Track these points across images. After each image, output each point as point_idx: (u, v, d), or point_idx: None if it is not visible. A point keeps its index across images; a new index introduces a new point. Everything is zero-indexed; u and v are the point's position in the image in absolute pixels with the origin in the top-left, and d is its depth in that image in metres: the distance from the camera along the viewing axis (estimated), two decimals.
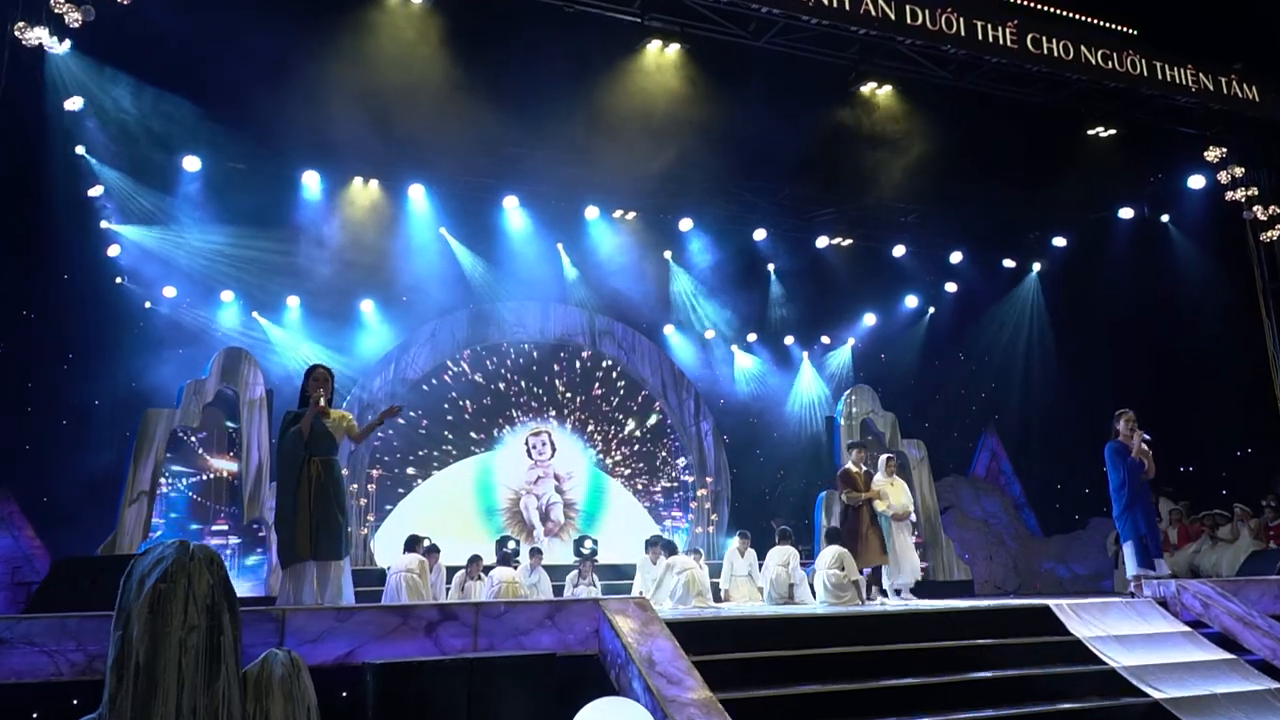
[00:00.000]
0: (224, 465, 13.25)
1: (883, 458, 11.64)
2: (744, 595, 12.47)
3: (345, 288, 15.00)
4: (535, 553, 13.07)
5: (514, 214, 14.67)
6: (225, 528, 13.19)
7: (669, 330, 17.69)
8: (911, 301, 18.05)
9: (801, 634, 7.10)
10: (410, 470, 15.85)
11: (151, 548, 4.67)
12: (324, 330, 15.54)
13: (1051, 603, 8.31)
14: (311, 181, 13.38)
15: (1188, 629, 8.22)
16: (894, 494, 11.20)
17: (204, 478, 13.15)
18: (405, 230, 14.14)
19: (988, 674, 7.09)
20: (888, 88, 11.74)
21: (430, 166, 13.38)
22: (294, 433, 7.07)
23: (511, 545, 14.35)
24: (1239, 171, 12.06)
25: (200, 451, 13.16)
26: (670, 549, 12.63)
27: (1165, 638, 8.01)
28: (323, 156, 12.91)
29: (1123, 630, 7.99)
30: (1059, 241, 16.18)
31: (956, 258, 16.56)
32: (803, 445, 18.00)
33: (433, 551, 12.33)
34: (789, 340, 18.38)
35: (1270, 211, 11.93)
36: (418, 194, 14.01)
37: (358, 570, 14.73)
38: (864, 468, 11.34)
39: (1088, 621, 8.10)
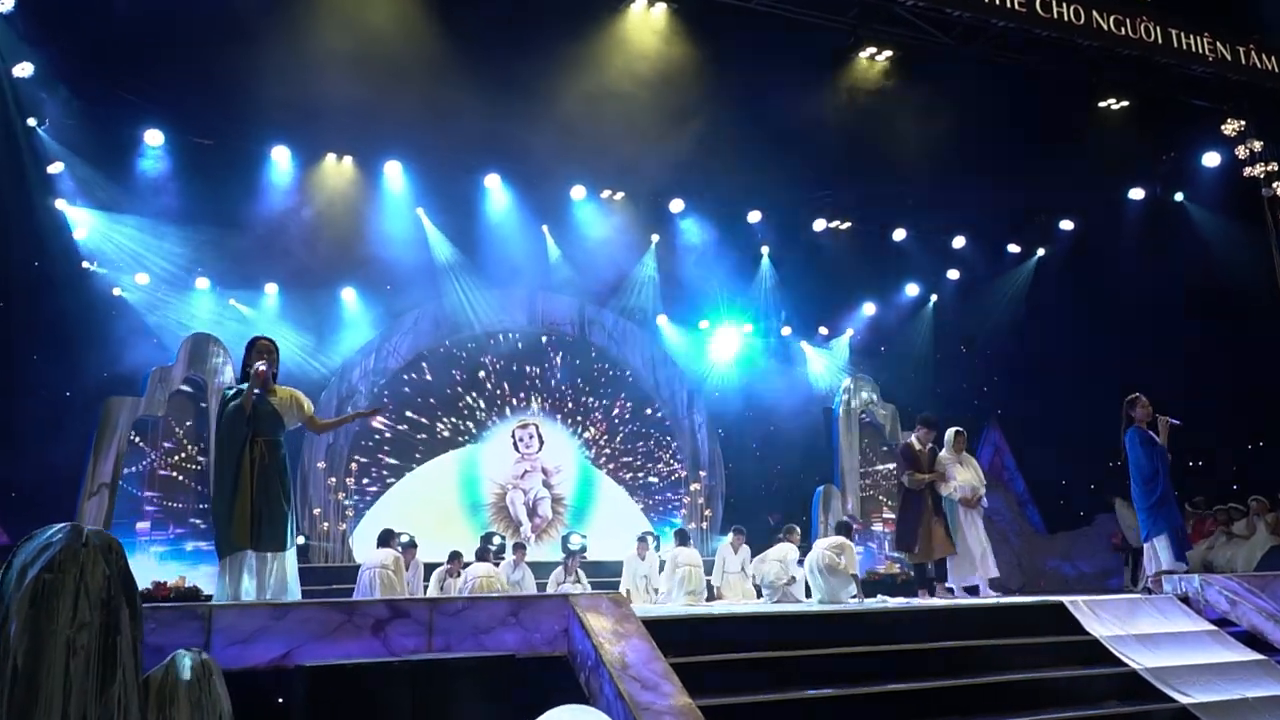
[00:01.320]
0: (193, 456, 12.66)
1: (951, 431, 9.75)
2: (736, 593, 11.88)
3: (323, 273, 14.38)
4: (519, 548, 12.46)
5: (496, 193, 13.98)
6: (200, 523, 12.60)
7: (662, 321, 17.06)
8: (913, 290, 17.42)
9: (794, 633, 6.47)
10: (392, 464, 15.23)
11: (36, 532, 4.04)
12: (303, 318, 14.95)
13: (1066, 600, 7.68)
14: (281, 158, 12.70)
15: (1213, 627, 7.60)
16: (963, 474, 9.56)
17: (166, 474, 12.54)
18: (383, 211, 13.48)
19: (998, 677, 6.46)
20: (887, 54, 11.10)
21: (407, 142, 12.68)
22: (235, 408, 6.38)
23: (496, 541, 13.75)
24: (1258, 146, 11.43)
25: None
26: (683, 538, 12.08)
27: (1189, 637, 7.39)
28: (293, 131, 12.24)
29: (1143, 629, 7.36)
30: (1066, 225, 15.50)
31: (959, 242, 15.90)
32: (801, 439, 17.35)
33: (410, 547, 11.73)
34: (786, 330, 17.78)
35: None
36: (394, 171, 13.32)
37: (335, 568, 14.26)
38: (929, 445, 9.74)
39: (1105, 620, 7.47)
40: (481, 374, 16.05)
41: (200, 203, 12.70)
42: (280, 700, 5.05)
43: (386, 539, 11.16)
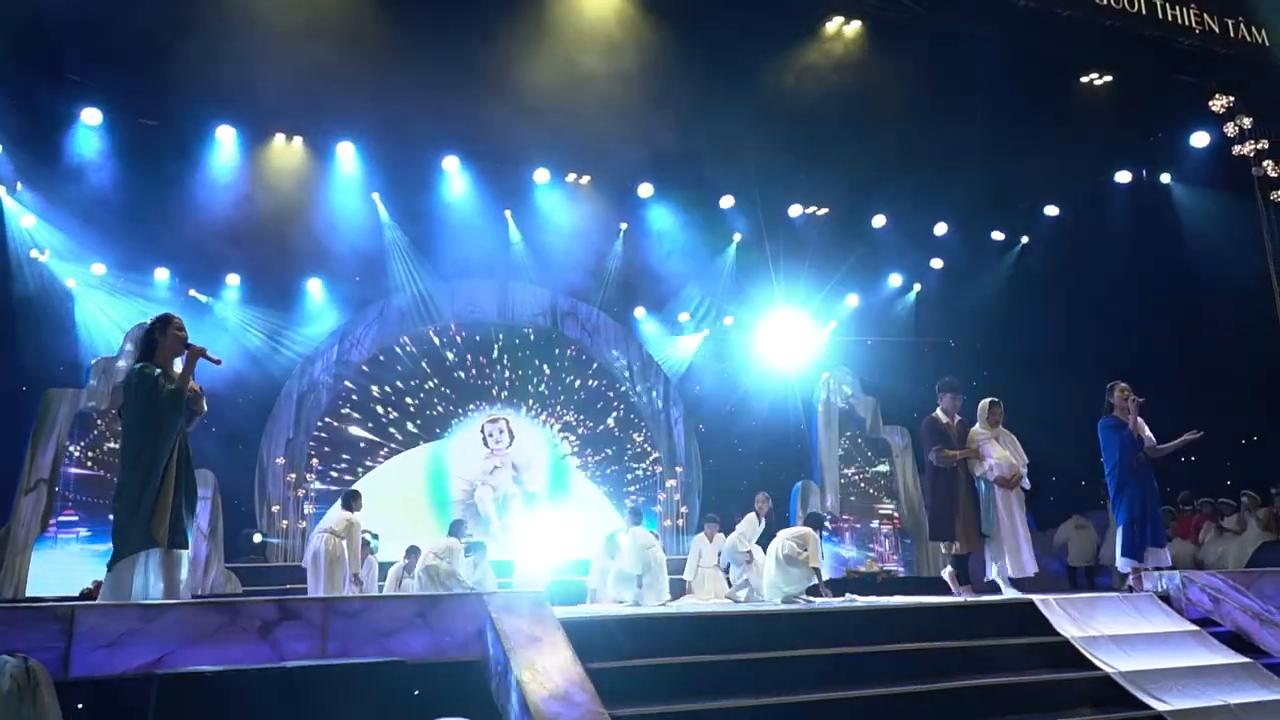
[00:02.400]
0: None
1: (985, 402, 8.43)
2: (709, 591, 11.29)
3: (286, 264, 13.91)
4: (472, 548, 11.87)
5: (455, 177, 13.40)
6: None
7: (640, 313, 16.56)
8: (895, 280, 16.91)
9: (737, 636, 5.96)
10: (354, 460, 14.73)
11: None
12: (267, 309, 14.50)
13: (1038, 598, 7.16)
14: (227, 138, 12.12)
15: (1194, 628, 7.07)
16: (999, 450, 8.13)
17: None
18: (338, 196, 12.90)
19: (958, 682, 5.94)
20: (856, 25, 10.57)
21: (359, 122, 12.11)
22: (173, 393, 5.76)
23: (468, 533, 13.12)
24: (1247, 122, 10.90)
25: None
26: (637, 516, 11.48)
27: (1169, 638, 6.85)
28: (239, 109, 11.67)
29: (1119, 630, 6.84)
30: (1051, 210, 14.95)
31: (941, 229, 15.34)
32: (782, 434, 16.83)
33: (364, 546, 11.13)
34: (765, 321, 17.27)
35: None
36: (346, 153, 12.76)
37: (293, 567, 13.72)
38: (956, 417, 8.35)
39: (1078, 620, 6.95)
40: (449, 367, 15.57)
41: (147, 188, 12.17)
42: (144, 713, 4.53)
43: (348, 500, 10.28)
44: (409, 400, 15.22)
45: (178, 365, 6.03)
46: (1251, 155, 10.86)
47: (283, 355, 14.61)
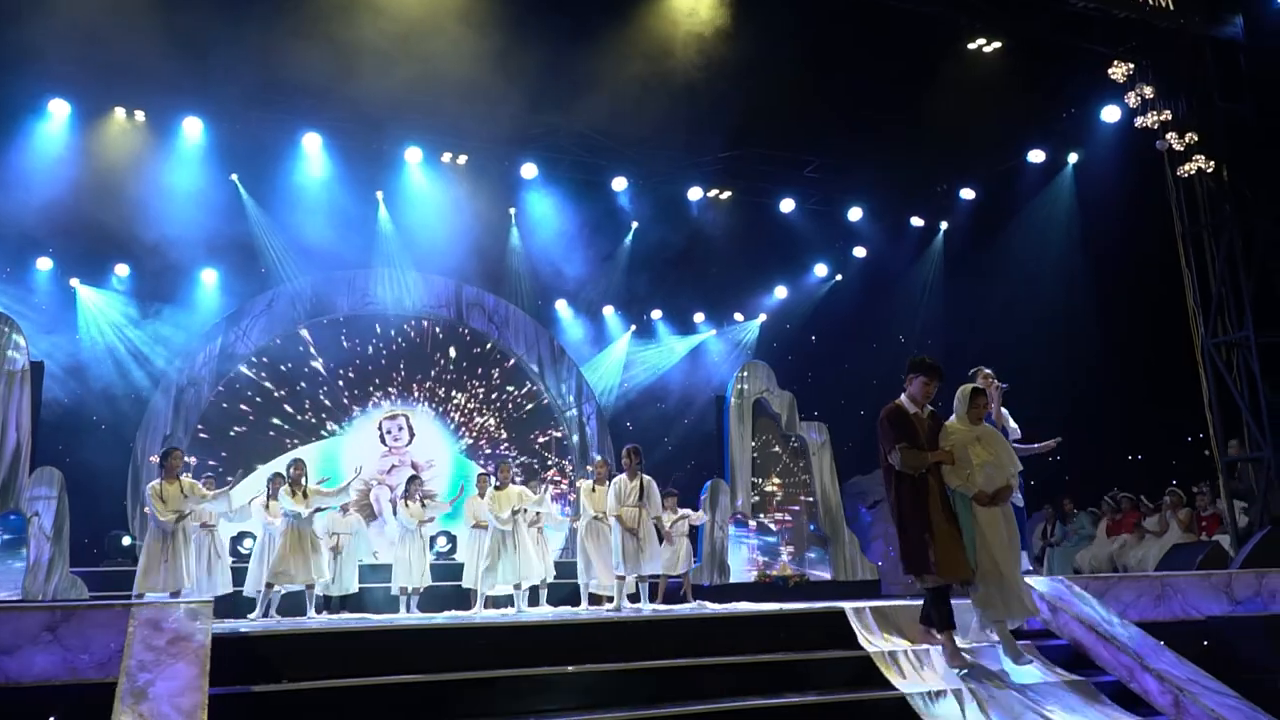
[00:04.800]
0: None
1: (963, 390, 6.27)
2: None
3: (177, 254, 13.13)
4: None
5: (315, 157, 12.57)
6: None
7: (560, 305, 15.86)
8: (821, 270, 16.16)
9: (456, 651, 5.19)
10: (236, 459, 13.98)
11: None
12: (152, 301, 13.81)
13: (850, 606, 6.39)
14: (60, 112, 11.32)
15: (1024, 641, 6.28)
16: (979, 454, 6.03)
17: None
18: (191, 177, 12.04)
19: (719, 704, 5.19)
20: None
21: (205, 94, 11.30)
22: None
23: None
24: (1149, 92, 10.08)
25: None
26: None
27: (988, 653, 6.07)
28: (72, 81, 10.88)
29: (929, 643, 6.06)
30: (967, 194, 14.13)
31: (855, 214, 14.52)
32: (702, 432, 16.12)
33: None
34: (700, 317, 16.59)
35: (1187, 140, 9.94)
36: (194, 129, 11.91)
37: None
38: (929, 407, 6.23)
39: (892, 632, 6.21)
40: (345, 360, 14.83)
41: None
42: None
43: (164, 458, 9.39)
44: (300, 396, 14.50)
45: None
46: (1155, 127, 10.06)
47: (161, 349, 13.93)
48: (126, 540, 13.14)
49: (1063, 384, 12.47)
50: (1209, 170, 9.96)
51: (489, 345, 15.67)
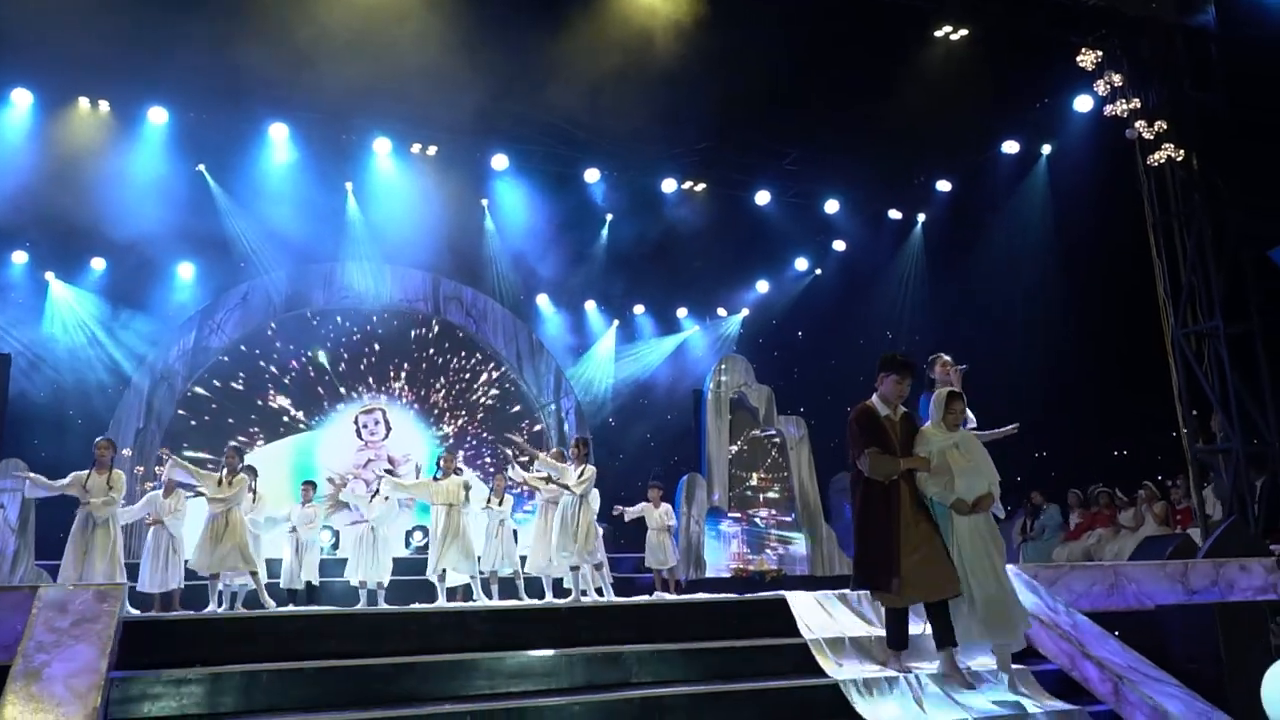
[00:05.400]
0: None
1: (940, 393, 5.88)
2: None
3: (151, 247, 13.08)
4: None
5: (281, 147, 12.48)
6: None
7: (542, 300, 15.78)
8: (802, 264, 16.07)
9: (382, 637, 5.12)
10: (209, 454, 13.90)
11: None
12: (127, 295, 13.76)
13: (796, 596, 6.31)
14: (22, 102, 11.26)
15: None
16: (957, 461, 5.57)
17: None
18: (157, 167, 11.93)
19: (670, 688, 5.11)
20: None
21: (169, 84, 11.21)
22: None
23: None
24: (1118, 79, 9.97)
25: None
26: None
27: (929, 641, 5.97)
28: (35, 70, 10.80)
29: (864, 631, 5.97)
30: (944, 185, 14.02)
31: (833, 207, 14.42)
32: (680, 426, 16.04)
33: None
34: (682, 312, 16.51)
35: (1156, 128, 9.84)
36: (159, 119, 11.82)
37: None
38: (901, 408, 5.76)
39: (835, 619, 6.12)
40: (321, 354, 14.78)
41: None
42: None
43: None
44: (275, 389, 14.45)
45: None
46: (1125, 115, 9.95)
47: (136, 341, 13.89)
48: None
49: (1039, 371, 12.38)
50: (1179, 159, 9.86)
51: (467, 339, 15.61)
